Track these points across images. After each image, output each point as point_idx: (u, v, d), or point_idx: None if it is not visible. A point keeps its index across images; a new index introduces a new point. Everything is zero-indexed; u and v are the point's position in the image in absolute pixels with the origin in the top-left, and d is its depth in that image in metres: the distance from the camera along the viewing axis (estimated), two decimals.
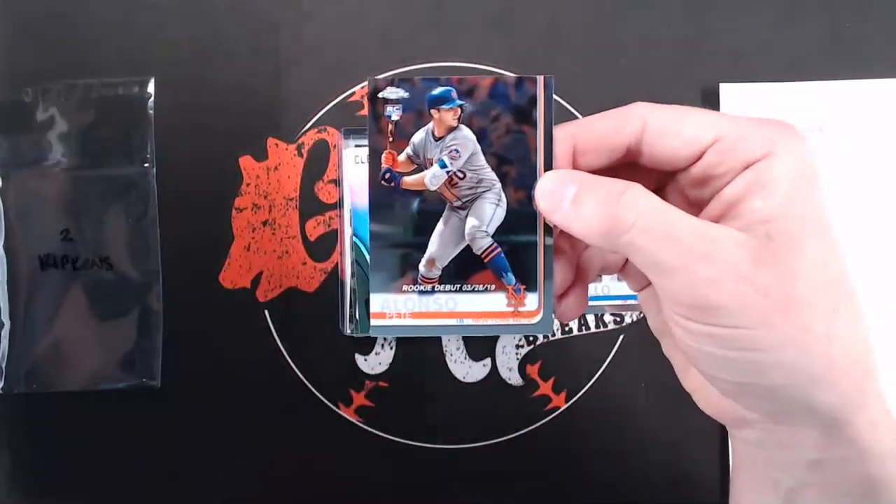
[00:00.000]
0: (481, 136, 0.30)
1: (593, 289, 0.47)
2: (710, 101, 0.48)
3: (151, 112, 0.47)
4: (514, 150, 0.30)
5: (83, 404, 0.47)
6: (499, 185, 0.30)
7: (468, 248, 0.30)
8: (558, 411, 0.48)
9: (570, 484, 0.48)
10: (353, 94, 0.48)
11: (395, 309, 0.31)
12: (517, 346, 0.48)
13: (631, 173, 0.28)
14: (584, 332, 0.48)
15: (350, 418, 0.47)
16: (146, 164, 0.47)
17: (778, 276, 0.25)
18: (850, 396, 0.26)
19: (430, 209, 0.30)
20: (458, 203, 0.30)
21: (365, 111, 0.48)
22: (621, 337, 0.48)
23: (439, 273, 0.31)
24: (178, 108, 0.47)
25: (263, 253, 0.47)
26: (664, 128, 0.27)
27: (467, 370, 0.48)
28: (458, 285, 0.31)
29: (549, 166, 0.29)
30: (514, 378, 0.48)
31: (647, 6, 0.49)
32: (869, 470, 0.27)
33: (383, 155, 0.30)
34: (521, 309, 0.31)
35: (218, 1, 0.48)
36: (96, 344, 0.46)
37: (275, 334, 0.47)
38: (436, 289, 0.31)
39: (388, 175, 0.30)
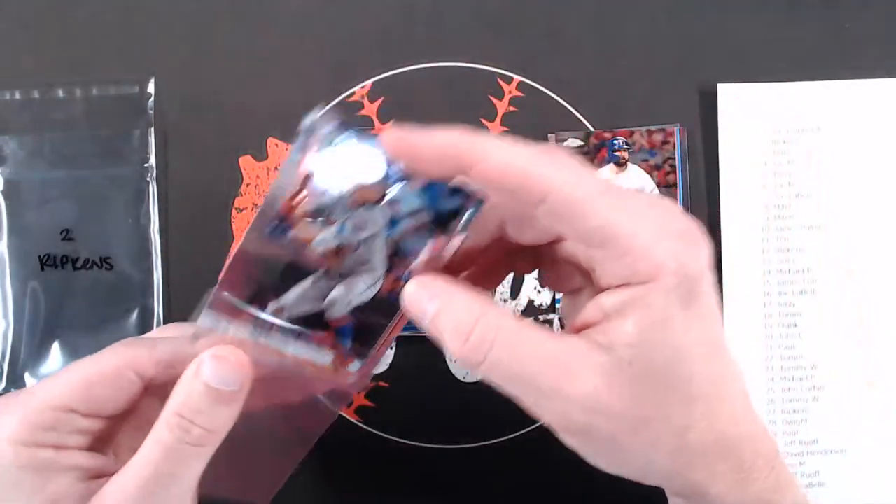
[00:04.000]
0: (392, 223, 0.28)
1: None
2: (709, 100, 0.48)
3: (151, 112, 0.47)
4: (415, 248, 0.28)
5: None
6: (380, 272, 0.29)
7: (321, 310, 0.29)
8: None
9: (570, 484, 0.48)
10: (353, 94, 0.48)
11: (225, 331, 0.29)
12: None
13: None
14: None
15: (350, 418, 0.47)
16: (146, 164, 0.47)
17: (630, 403, 0.25)
18: (703, 479, 0.27)
19: (303, 262, 0.28)
20: (335, 272, 0.29)
21: (365, 111, 0.48)
22: None
23: (283, 320, 0.29)
24: (178, 108, 0.47)
25: None
26: (563, 215, 0.25)
27: (467, 370, 0.48)
28: (297, 334, 0.29)
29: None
30: None
31: (647, 6, 0.49)
32: None
33: (282, 201, 0.28)
34: (341, 369, 0.30)
35: (218, 1, 0.48)
36: (96, 344, 0.46)
37: None
38: (273, 327, 0.29)
39: (278, 227, 0.28)
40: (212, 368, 0.29)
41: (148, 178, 0.47)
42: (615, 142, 0.46)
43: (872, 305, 0.47)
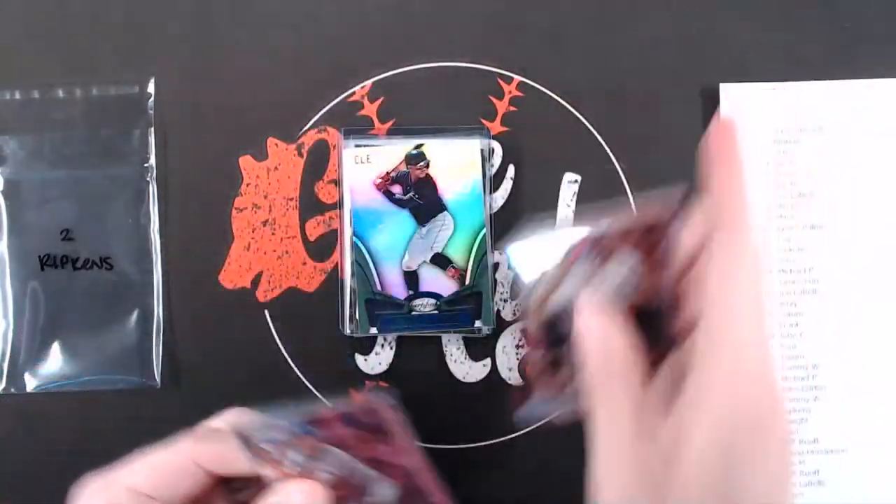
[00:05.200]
0: (347, 450, 0.33)
1: None
2: (710, 100, 0.48)
3: (151, 112, 0.47)
4: (380, 458, 0.33)
5: (83, 404, 0.47)
6: (381, 482, 0.33)
7: None
8: None
9: (569, 484, 0.48)
10: (353, 93, 0.48)
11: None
12: (517, 346, 0.48)
13: None
14: None
15: None
16: (146, 164, 0.47)
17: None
18: None
19: None
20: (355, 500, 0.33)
21: (365, 111, 0.48)
22: None
23: None
24: (178, 108, 0.47)
25: (263, 253, 0.47)
26: None
27: (467, 370, 0.48)
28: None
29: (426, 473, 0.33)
30: (514, 378, 0.48)
31: (648, 6, 0.49)
32: None
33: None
34: None
35: (218, 1, 0.48)
36: (96, 344, 0.46)
37: (275, 334, 0.47)
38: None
39: None
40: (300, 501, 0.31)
41: (148, 178, 0.47)
42: None
43: (874, 305, 0.47)
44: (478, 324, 0.46)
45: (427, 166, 0.46)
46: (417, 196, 0.46)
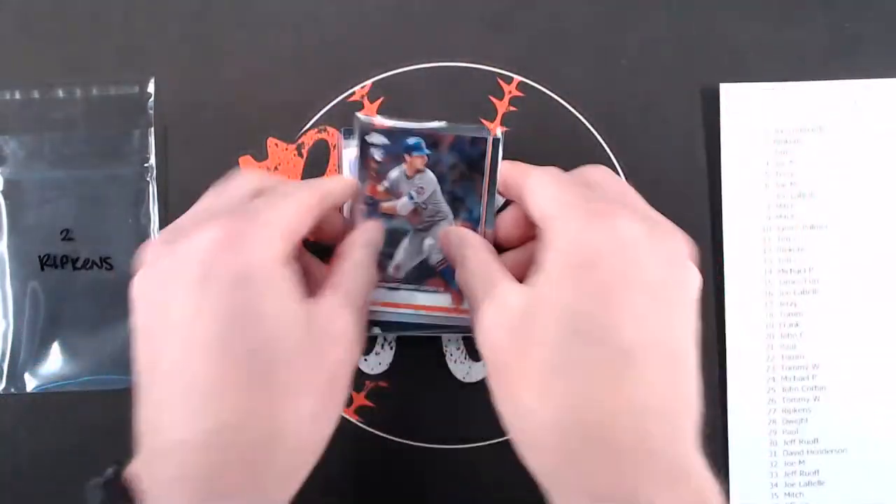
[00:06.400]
0: (441, 179, 0.40)
1: None
2: (710, 100, 0.48)
3: (151, 112, 0.47)
4: (465, 191, 0.40)
5: (83, 404, 0.47)
6: (451, 216, 0.41)
7: (426, 260, 0.41)
8: None
9: None
10: (353, 93, 0.48)
11: (371, 298, 0.39)
12: None
13: None
14: None
15: (350, 418, 0.47)
16: (146, 164, 0.47)
17: (512, 344, 0.32)
18: (560, 462, 0.31)
19: (399, 228, 0.41)
20: (421, 226, 0.41)
21: (364, 111, 0.48)
22: None
23: (403, 275, 0.41)
24: (178, 107, 0.47)
25: None
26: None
27: (467, 370, 0.48)
28: (417, 286, 0.41)
29: (490, 208, 0.40)
30: None
31: (648, 6, 0.49)
32: None
33: (367, 185, 0.40)
34: (461, 307, 0.41)
35: (218, 1, 0.48)
36: (96, 344, 0.46)
37: None
38: (400, 286, 0.41)
39: (369, 201, 0.40)
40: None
41: (148, 178, 0.47)
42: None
43: (874, 305, 0.47)
44: None
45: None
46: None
